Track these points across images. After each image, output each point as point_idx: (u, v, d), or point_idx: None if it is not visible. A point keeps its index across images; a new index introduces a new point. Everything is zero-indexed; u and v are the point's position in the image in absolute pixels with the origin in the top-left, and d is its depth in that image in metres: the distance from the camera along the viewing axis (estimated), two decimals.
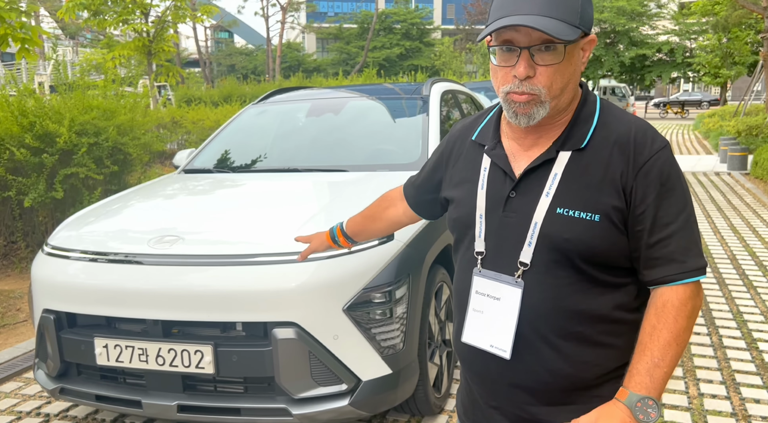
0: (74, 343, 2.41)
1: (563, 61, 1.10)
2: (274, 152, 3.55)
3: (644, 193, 1.11)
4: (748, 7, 17.27)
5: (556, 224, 1.13)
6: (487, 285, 1.21)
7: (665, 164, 1.13)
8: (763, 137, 12.84)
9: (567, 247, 1.13)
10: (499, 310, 1.19)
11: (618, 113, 1.20)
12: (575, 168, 1.15)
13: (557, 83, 1.11)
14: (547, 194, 1.15)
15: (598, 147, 1.15)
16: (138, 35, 12.56)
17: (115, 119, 5.53)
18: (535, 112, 1.13)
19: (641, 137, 1.14)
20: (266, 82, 24.79)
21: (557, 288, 1.15)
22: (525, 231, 1.16)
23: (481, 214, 1.23)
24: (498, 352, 1.19)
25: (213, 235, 2.49)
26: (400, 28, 41.14)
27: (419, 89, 3.71)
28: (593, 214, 1.12)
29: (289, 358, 2.18)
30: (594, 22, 18.69)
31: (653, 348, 1.10)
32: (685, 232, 1.12)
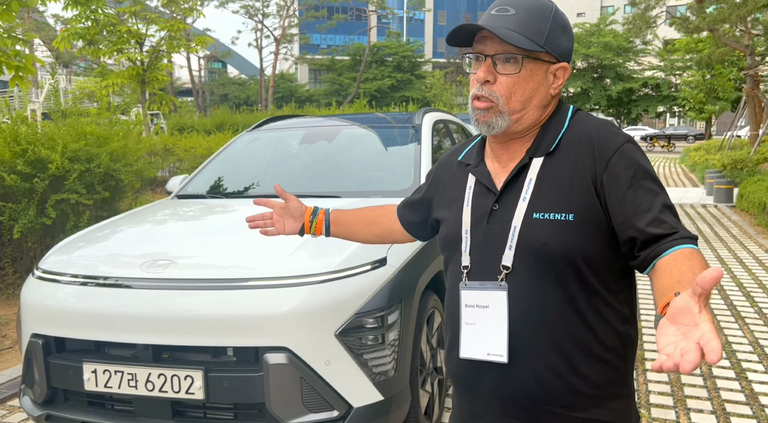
0: (62, 368, 2.38)
1: (521, 72, 1.18)
2: (267, 178, 3.57)
3: (617, 185, 1.13)
4: (731, 45, 17.76)
5: (534, 229, 1.17)
6: (474, 296, 1.24)
7: (631, 155, 1.16)
8: (748, 171, 13.06)
9: (546, 250, 1.15)
10: (490, 317, 1.21)
11: (586, 118, 1.25)
12: (547, 172, 1.20)
13: (516, 95, 1.19)
14: (523, 199, 1.20)
15: (565, 149, 1.21)
16: (132, 64, 12.68)
17: (107, 146, 5.56)
18: (493, 121, 1.20)
19: (604, 133, 1.19)
20: (259, 112, 24.97)
21: (542, 293, 1.17)
22: (506, 237, 1.20)
23: (467, 230, 1.27)
24: (495, 358, 1.20)
25: (205, 260, 2.50)
26: (392, 60, 41.77)
27: (411, 118, 3.78)
28: (567, 213, 1.15)
29: (280, 383, 2.17)
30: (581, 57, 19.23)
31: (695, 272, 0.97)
32: (667, 214, 1.11)
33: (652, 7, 19.50)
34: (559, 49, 1.21)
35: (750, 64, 17.08)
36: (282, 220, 1.62)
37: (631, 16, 20.31)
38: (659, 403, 3.21)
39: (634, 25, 20.16)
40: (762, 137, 14.90)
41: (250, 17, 38.03)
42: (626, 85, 35.98)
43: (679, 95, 32.31)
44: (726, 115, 32.57)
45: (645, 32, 20.86)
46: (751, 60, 17.08)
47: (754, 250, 7.05)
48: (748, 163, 13.51)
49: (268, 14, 38.34)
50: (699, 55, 23.25)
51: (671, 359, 0.76)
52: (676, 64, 33.99)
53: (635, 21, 20.01)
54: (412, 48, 42.65)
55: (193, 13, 15.85)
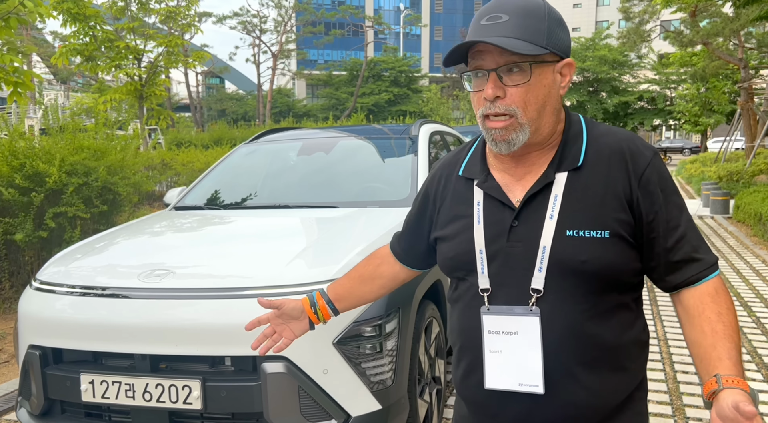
0: (59, 379, 2.37)
1: (531, 79, 1.11)
2: (265, 189, 3.59)
3: (651, 201, 1.13)
4: (725, 58, 17.93)
5: (569, 247, 1.11)
6: (500, 322, 1.16)
7: (661, 170, 1.15)
8: (743, 182, 13.12)
9: (584, 269, 1.10)
10: (520, 345, 1.13)
11: (603, 128, 1.22)
12: (575, 187, 1.14)
13: (531, 104, 1.12)
14: (551, 217, 1.13)
15: (593, 163, 1.16)
16: (130, 79, 12.74)
17: (105, 159, 5.57)
18: (513, 137, 1.13)
19: (634, 147, 1.16)
20: (256, 127, 25.06)
21: (576, 314, 1.12)
22: (533, 257, 1.13)
23: (481, 249, 1.18)
24: (529, 389, 1.13)
25: (203, 270, 2.50)
26: (389, 75, 42.03)
27: (408, 130, 3.80)
28: (602, 230, 1.11)
29: (278, 393, 2.16)
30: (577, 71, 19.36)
31: (731, 334, 1.10)
32: (692, 231, 1.15)
33: (646, 22, 19.71)
34: (560, 45, 1.15)
35: (744, 77, 17.23)
36: (286, 327, 1.47)
37: (626, 30, 20.53)
38: (658, 412, 3.20)
39: (629, 39, 20.36)
40: (757, 149, 14.99)
41: (247, 33, 38.31)
42: (622, 99, 36.22)
43: (674, 108, 32.54)
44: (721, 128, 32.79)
45: (639, 46, 21.06)
46: (744, 73, 17.23)
47: (751, 261, 7.06)
48: (744, 174, 13.58)
49: (266, 30, 38.63)
50: (693, 69, 23.46)
51: None
52: (670, 77, 34.28)
53: (630, 35, 20.21)
54: (408, 63, 42.95)
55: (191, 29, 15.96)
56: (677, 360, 3.94)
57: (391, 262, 1.49)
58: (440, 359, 2.96)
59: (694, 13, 17.31)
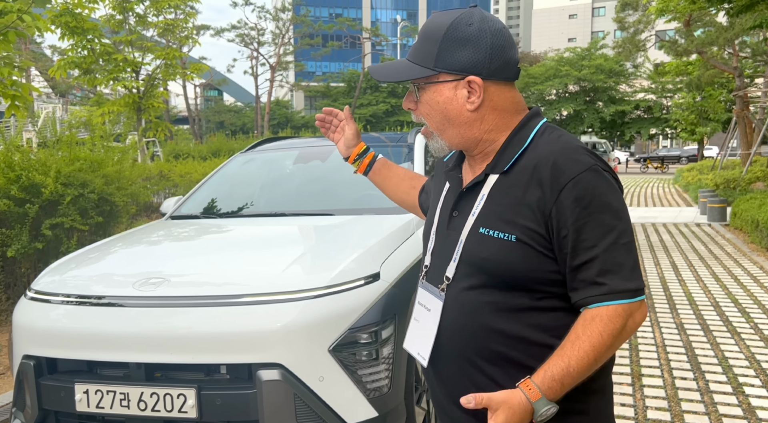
0: (53, 389, 2.35)
1: (423, 97, 1.26)
2: (261, 198, 3.59)
3: (564, 218, 1.12)
4: (720, 67, 18.05)
5: (476, 243, 1.20)
6: (425, 296, 1.32)
7: (587, 187, 1.11)
8: (740, 190, 13.15)
9: (484, 265, 1.19)
10: (428, 320, 1.28)
11: (551, 138, 1.20)
12: (499, 190, 1.22)
13: (432, 117, 1.26)
14: (473, 214, 1.23)
15: (520, 171, 1.19)
16: (128, 92, 12.78)
17: (101, 170, 5.58)
18: (433, 143, 1.30)
19: (561, 161, 1.14)
20: (254, 138, 25.12)
21: (475, 305, 1.20)
22: (455, 247, 1.25)
23: (434, 231, 1.35)
24: (420, 359, 1.31)
25: (198, 277, 2.49)
26: (386, 86, 42.22)
27: (404, 137, 3.81)
28: (509, 234, 1.16)
29: (273, 400, 2.15)
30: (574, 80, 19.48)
31: (572, 356, 1.10)
32: (609, 254, 1.10)
33: (641, 31, 19.85)
34: (456, 64, 1.19)
35: (739, 85, 17.33)
36: (341, 135, 1.79)
37: (621, 40, 20.68)
38: (657, 418, 3.19)
39: (624, 48, 20.51)
40: (753, 157, 15.04)
41: (245, 45, 38.50)
42: (618, 108, 36.38)
43: (670, 117, 32.68)
44: (717, 136, 32.93)
45: (635, 55, 21.19)
46: (739, 82, 17.34)
47: (748, 267, 7.06)
48: (741, 182, 13.62)
49: (264, 42, 38.83)
50: (689, 78, 23.59)
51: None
52: (666, 86, 34.46)
53: (625, 44, 20.35)
54: None
55: (188, 41, 16.05)
56: (675, 366, 3.93)
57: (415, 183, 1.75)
58: None
59: (688, 22, 17.45)
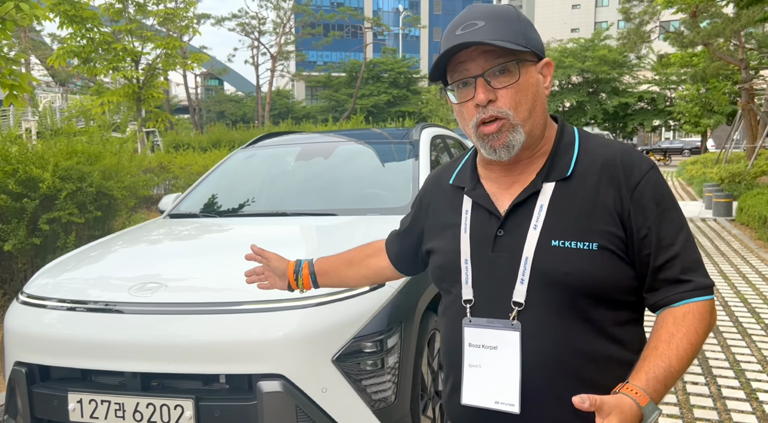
0: (46, 398, 2.26)
1: (520, 79, 1.10)
2: (262, 196, 3.48)
3: (644, 216, 1.08)
4: (726, 59, 17.86)
5: (552, 258, 1.07)
6: (480, 334, 1.12)
7: (657, 184, 1.10)
8: (745, 184, 13.03)
9: (568, 281, 1.06)
10: (499, 360, 1.09)
11: (598, 140, 1.18)
12: (563, 198, 1.11)
13: (522, 104, 1.10)
14: (535, 227, 1.10)
15: (583, 174, 1.12)
16: (128, 82, 12.65)
17: (99, 163, 5.47)
18: (511, 139, 1.10)
19: (628, 159, 1.12)
20: (255, 129, 24.97)
21: (561, 329, 1.07)
22: (517, 268, 1.10)
23: (467, 259, 1.16)
24: (505, 407, 1.08)
25: (196, 282, 2.40)
26: (388, 76, 41.98)
27: (409, 134, 3.70)
28: (590, 242, 1.07)
29: (274, 412, 2.06)
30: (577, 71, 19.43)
31: (671, 356, 1.03)
32: (687, 251, 1.09)
33: (646, 22, 19.62)
34: (538, 45, 1.15)
35: (744, 78, 17.15)
36: (272, 275, 1.56)
37: (626, 31, 20.44)
38: None
39: (629, 39, 20.28)
40: (759, 151, 14.90)
41: (246, 35, 38.22)
42: (622, 100, 36.15)
43: (674, 109, 32.47)
44: (722, 129, 32.75)
45: (639, 47, 20.97)
46: (745, 74, 17.15)
47: (756, 265, 6.96)
48: (746, 176, 13.49)
49: (265, 32, 38.54)
50: (694, 70, 23.37)
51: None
52: (670, 78, 34.21)
53: (629, 36, 20.12)
54: (407, 64, 42.87)
55: (189, 30, 15.89)
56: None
57: (381, 257, 1.49)
58: (443, 372, 2.85)
59: (694, 13, 17.24)
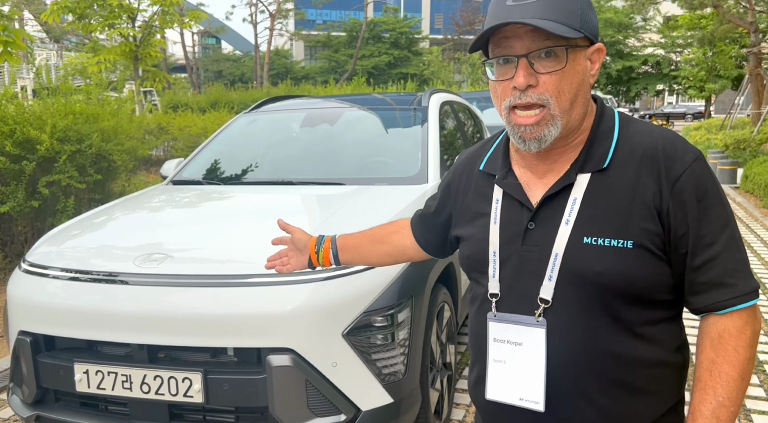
0: (52, 367, 2.24)
1: (566, 66, 1.00)
2: (266, 164, 3.41)
3: (683, 213, 1.00)
4: (735, 22, 17.48)
5: (584, 255, 1.01)
6: (506, 330, 1.08)
7: (701, 177, 1.01)
8: (750, 151, 12.92)
9: (600, 281, 1.00)
10: (524, 357, 1.06)
11: (641, 126, 1.09)
12: (598, 191, 1.03)
13: (565, 93, 1.01)
14: (566, 222, 1.03)
15: (621, 165, 1.04)
16: (124, 40, 12.36)
17: (98, 124, 5.36)
18: (546, 133, 1.02)
19: (671, 149, 1.03)
20: (254, 89, 24.60)
21: (589, 329, 1.02)
22: (546, 264, 1.04)
23: (495, 251, 1.10)
24: (530, 405, 1.05)
25: (203, 253, 2.35)
26: (389, 37, 41.17)
27: (418, 100, 3.60)
28: (625, 240, 1.00)
29: (284, 386, 2.04)
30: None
31: (716, 386, 0.99)
32: (731, 251, 1.01)
33: None
34: (592, 28, 1.04)
35: (753, 41, 16.81)
36: (294, 255, 1.49)
37: None
38: None
39: (637, 1, 19.81)
40: (765, 117, 14.72)
41: None
42: (626, 63, 35.58)
43: (679, 74, 32.00)
44: (726, 94, 32.35)
45: (647, 8, 20.50)
46: (754, 37, 16.82)
47: (761, 234, 6.93)
48: (751, 143, 13.36)
49: None
50: (701, 32, 22.91)
51: None
52: (677, 41, 33.59)
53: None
54: (409, 24, 41.99)
55: None
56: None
57: (406, 235, 1.43)
58: (451, 344, 2.84)
59: None
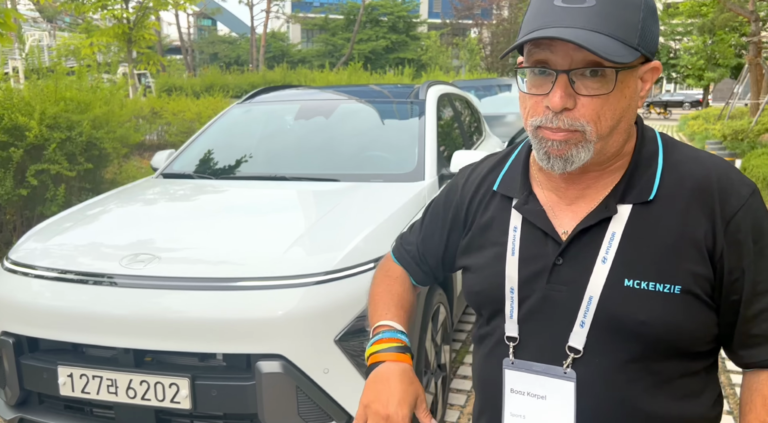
0: (35, 370, 2.18)
1: (614, 91, 0.84)
2: (260, 158, 3.32)
3: (738, 255, 0.88)
4: (735, 10, 17.34)
5: (625, 301, 0.88)
6: (526, 380, 0.94)
7: (758, 214, 0.89)
8: (748, 142, 12.87)
9: (642, 331, 0.87)
10: (548, 413, 0.93)
11: (686, 151, 0.96)
12: (641, 226, 0.89)
13: (606, 120, 0.86)
14: (603, 260, 0.89)
15: (668, 197, 0.90)
16: (118, 22, 12.15)
17: (89, 112, 5.25)
18: (574, 154, 0.87)
19: (726, 181, 0.89)
20: (249, 72, 24.36)
21: (624, 383, 0.89)
22: (577, 308, 0.90)
23: (513, 288, 0.96)
24: None
25: (192, 254, 2.27)
26: (387, 20, 40.76)
27: (415, 93, 3.52)
28: (672, 284, 0.87)
29: (274, 393, 1.98)
30: None
31: None
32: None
33: None
34: (651, 43, 0.88)
35: (754, 30, 16.69)
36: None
37: None
38: None
39: None
40: (764, 107, 14.66)
41: None
42: None
43: (678, 62, 31.85)
44: (724, 82, 32.25)
45: None
46: (755, 26, 16.68)
47: None
48: (749, 133, 13.31)
49: None
50: (702, 20, 22.75)
51: None
52: (676, 29, 33.39)
53: None
54: (407, 8, 41.54)
55: None
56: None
57: (406, 283, 1.19)
58: (446, 345, 2.79)
59: None
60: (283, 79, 19.96)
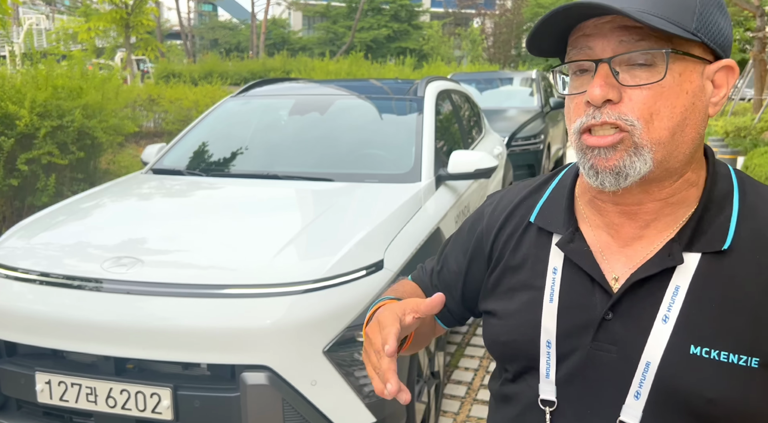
0: (13, 375, 2.10)
1: (665, 79, 0.70)
2: (252, 154, 3.23)
3: None
4: (740, 5, 17.15)
5: (689, 372, 0.72)
6: None
7: None
8: (751, 139, 12.76)
9: (710, 412, 0.72)
10: None
11: (765, 191, 0.80)
12: (712, 280, 0.74)
13: (661, 118, 0.70)
14: (665, 319, 0.74)
15: (746, 247, 0.74)
16: (115, 7, 11.99)
17: (81, 99, 5.13)
18: (627, 164, 0.71)
19: None
20: (249, 59, 24.15)
21: None
22: (630, 374, 0.75)
23: (550, 342, 0.80)
24: None
25: (176, 258, 2.19)
26: (389, 9, 40.44)
27: (413, 89, 3.41)
28: (749, 356, 0.71)
29: (259, 406, 1.91)
30: None
31: None
32: None
33: None
34: (718, 36, 0.73)
35: (759, 25, 16.52)
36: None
37: None
38: None
39: None
40: (767, 104, 14.54)
41: None
42: None
43: None
44: None
45: None
46: (760, 21, 16.51)
47: None
48: (752, 130, 13.20)
49: None
50: None
51: None
52: None
53: None
54: None
55: None
56: None
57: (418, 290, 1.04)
58: (439, 352, 2.71)
59: None
60: (283, 66, 19.76)
